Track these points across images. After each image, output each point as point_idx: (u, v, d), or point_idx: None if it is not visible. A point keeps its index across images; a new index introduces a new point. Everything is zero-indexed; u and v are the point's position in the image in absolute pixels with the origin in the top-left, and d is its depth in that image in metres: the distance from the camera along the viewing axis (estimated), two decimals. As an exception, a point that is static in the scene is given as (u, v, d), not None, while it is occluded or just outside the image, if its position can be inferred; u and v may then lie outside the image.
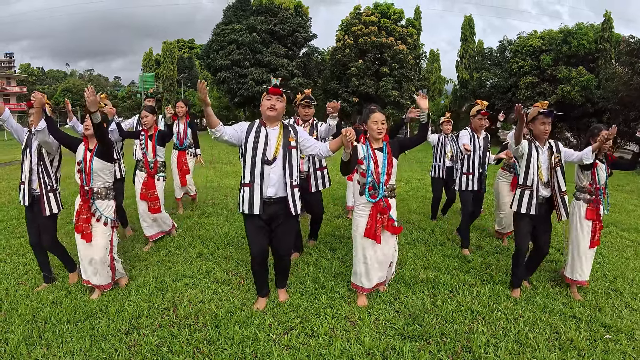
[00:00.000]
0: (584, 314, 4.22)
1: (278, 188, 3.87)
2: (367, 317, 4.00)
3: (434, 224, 7.29)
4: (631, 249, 6.48)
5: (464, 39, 37.94)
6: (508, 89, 30.57)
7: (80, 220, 4.24)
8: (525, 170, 4.46)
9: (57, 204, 4.47)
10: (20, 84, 65.01)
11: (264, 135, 3.87)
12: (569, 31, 27.95)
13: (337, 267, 5.19)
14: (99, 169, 4.27)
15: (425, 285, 4.73)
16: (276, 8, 34.09)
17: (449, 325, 3.91)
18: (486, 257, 5.69)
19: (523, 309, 4.27)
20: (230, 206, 8.19)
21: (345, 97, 34.19)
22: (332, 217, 7.50)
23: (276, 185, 3.86)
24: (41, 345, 3.49)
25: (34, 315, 3.95)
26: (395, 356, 3.41)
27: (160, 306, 4.14)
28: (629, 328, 3.98)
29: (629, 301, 4.57)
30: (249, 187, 3.86)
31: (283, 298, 4.34)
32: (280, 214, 3.95)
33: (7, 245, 5.89)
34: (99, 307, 4.09)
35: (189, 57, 62.49)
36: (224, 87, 34.65)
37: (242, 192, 3.90)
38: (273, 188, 3.85)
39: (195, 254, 5.54)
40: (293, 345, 3.53)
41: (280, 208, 3.93)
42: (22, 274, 4.93)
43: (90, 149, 4.30)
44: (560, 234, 6.91)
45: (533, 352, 3.52)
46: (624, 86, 21.63)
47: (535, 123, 4.42)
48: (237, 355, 3.37)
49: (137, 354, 3.37)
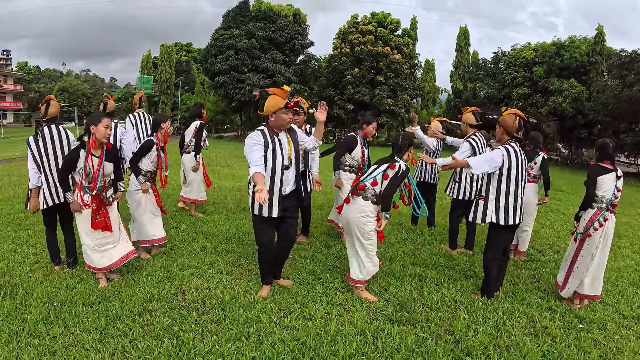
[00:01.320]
0: (560, 306, 4.60)
1: (292, 184, 4.41)
2: (359, 304, 4.38)
3: (424, 225, 7.67)
4: (610, 251, 6.81)
5: (459, 50, 38.52)
6: (501, 100, 31.07)
7: (100, 216, 4.46)
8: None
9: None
10: (17, 82, 65.02)
11: (278, 143, 4.22)
12: (561, 44, 28.53)
13: (332, 261, 5.59)
14: (110, 171, 4.58)
15: (413, 279, 5.13)
16: (275, 15, 34.40)
17: (434, 312, 4.30)
18: (470, 257, 6.08)
19: (502, 300, 4.65)
20: (230, 205, 8.53)
21: (341, 105, 34.67)
22: (328, 217, 7.85)
23: (291, 182, 4.39)
24: (58, 325, 3.79)
25: (50, 298, 4.24)
26: (384, 336, 3.79)
27: (169, 292, 4.48)
28: (601, 320, 4.36)
29: (603, 297, 4.91)
30: (269, 194, 4.17)
31: (287, 283, 4.83)
32: (292, 205, 4.46)
33: (16, 237, 6.18)
34: (112, 292, 4.42)
35: (186, 60, 62.77)
36: (221, 91, 34.90)
37: None
38: (289, 186, 4.36)
39: (199, 247, 5.88)
40: (292, 326, 3.90)
41: (292, 200, 4.44)
42: (34, 262, 5.23)
43: (97, 155, 4.45)
44: (543, 237, 7.31)
45: (510, 337, 3.89)
46: (615, 99, 22.09)
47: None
48: (242, 334, 3.73)
49: (150, 332, 3.71)
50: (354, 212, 4.49)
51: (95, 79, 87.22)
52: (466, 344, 3.71)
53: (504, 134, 4.53)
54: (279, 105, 4.15)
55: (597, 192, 4.56)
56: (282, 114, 4.18)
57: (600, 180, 4.53)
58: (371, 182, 4.46)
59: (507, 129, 4.46)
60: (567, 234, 7.80)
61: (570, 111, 25.61)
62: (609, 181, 4.53)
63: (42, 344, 3.49)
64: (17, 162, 15.34)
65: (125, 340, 3.58)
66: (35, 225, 6.68)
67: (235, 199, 9.28)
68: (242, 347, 3.53)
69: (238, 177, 13.05)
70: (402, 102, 34.86)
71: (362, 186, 4.51)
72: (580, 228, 4.69)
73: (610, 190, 4.55)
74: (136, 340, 3.59)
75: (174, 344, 3.54)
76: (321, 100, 4.71)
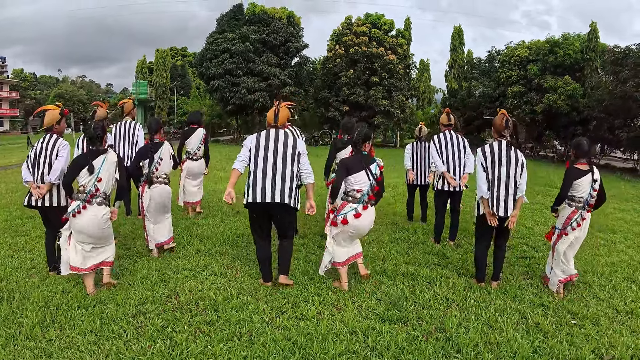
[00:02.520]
0: (552, 302, 4.61)
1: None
2: (351, 304, 4.40)
3: (417, 224, 7.72)
4: (605, 247, 6.91)
5: (454, 49, 38.70)
6: (496, 98, 31.10)
7: None
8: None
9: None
10: (13, 89, 65.10)
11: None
12: (555, 41, 28.55)
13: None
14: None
15: (406, 278, 5.16)
16: (269, 18, 34.43)
17: (426, 310, 4.32)
18: (464, 255, 6.11)
19: (495, 297, 4.68)
20: (224, 209, 8.55)
21: (336, 106, 34.62)
22: (321, 219, 7.87)
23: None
24: (54, 328, 3.82)
25: (46, 302, 4.27)
26: (375, 334, 3.80)
27: (163, 294, 4.50)
28: (594, 315, 4.37)
29: (596, 292, 4.96)
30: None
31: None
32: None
33: (13, 243, 6.20)
34: (106, 295, 4.44)
35: (181, 65, 62.85)
36: (216, 95, 34.90)
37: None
38: None
39: (193, 250, 5.91)
40: (284, 326, 3.91)
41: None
42: (30, 267, 5.25)
43: None
44: (537, 234, 7.35)
45: (501, 333, 3.90)
46: (609, 95, 22.05)
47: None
48: (234, 334, 3.75)
49: (144, 334, 3.73)
50: (372, 216, 4.77)
51: (91, 85, 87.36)
52: (457, 341, 3.73)
53: (494, 132, 4.96)
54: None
55: (573, 193, 4.81)
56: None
57: (576, 184, 4.77)
58: (375, 187, 4.71)
59: (495, 127, 4.91)
60: (560, 231, 7.85)
61: (565, 108, 25.62)
62: (585, 184, 4.75)
63: (38, 347, 3.52)
64: (13, 170, 15.34)
65: (120, 341, 3.60)
66: (32, 231, 6.73)
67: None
68: (234, 347, 3.56)
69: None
70: (397, 102, 34.87)
71: (372, 196, 4.70)
72: (559, 223, 5.01)
73: (587, 191, 4.78)
74: (130, 341, 3.62)
75: (167, 344, 3.57)
76: (316, 101, 4.94)
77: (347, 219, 4.58)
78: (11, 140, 41.51)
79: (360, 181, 4.61)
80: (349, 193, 4.65)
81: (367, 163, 4.66)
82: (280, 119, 4.77)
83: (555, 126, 28.05)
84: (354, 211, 4.58)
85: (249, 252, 5.91)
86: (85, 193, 4.36)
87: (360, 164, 4.63)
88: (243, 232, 6.82)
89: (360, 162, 4.64)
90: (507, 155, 4.76)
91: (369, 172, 4.63)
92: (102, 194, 4.43)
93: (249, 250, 5.96)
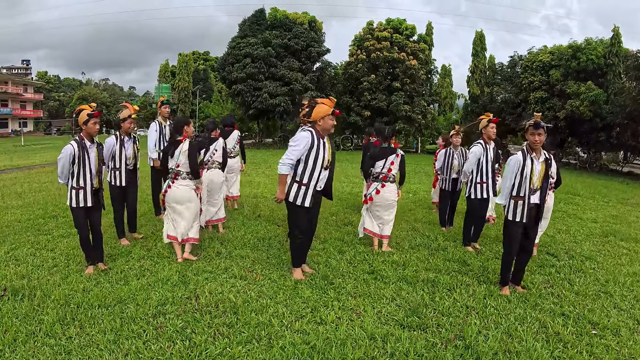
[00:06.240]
0: (573, 312, 4.56)
1: (323, 183, 5.10)
2: (370, 309, 4.42)
3: (438, 231, 7.69)
4: (627, 256, 6.80)
5: (475, 54, 38.32)
6: (518, 104, 30.84)
7: None
8: (519, 183, 4.86)
9: None
10: (37, 90, 66.39)
11: (322, 146, 4.95)
12: (578, 46, 28.22)
13: (345, 267, 5.62)
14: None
15: (426, 284, 5.14)
16: (291, 23, 34.57)
17: (445, 318, 4.31)
18: (485, 262, 6.07)
19: (515, 306, 4.64)
20: (245, 212, 8.63)
21: (358, 111, 34.64)
22: (342, 224, 7.92)
23: (323, 180, 5.08)
24: (74, 326, 3.90)
25: (67, 300, 4.37)
26: (394, 340, 3.81)
27: (184, 296, 4.57)
28: (615, 325, 4.31)
29: (618, 302, 4.89)
30: (305, 186, 4.96)
31: (309, 270, 5.46)
32: (318, 200, 5.26)
33: (35, 241, 6.36)
34: (127, 295, 4.52)
35: (204, 69, 63.47)
36: (238, 99, 35.14)
37: (298, 189, 4.96)
38: (322, 182, 5.07)
39: (214, 253, 5.98)
40: (303, 330, 3.95)
41: (319, 197, 5.24)
42: (52, 266, 5.38)
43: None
44: (559, 242, 7.26)
45: (520, 342, 3.88)
46: (632, 101, 21.72)
47: (527, 135, 4.84)
48: (253, 337, 3.80)
49: (163, 334, 3.80)
50: (391, 192, 6.41)
51: (114, 88, 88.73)
52: (476, 349, 3.71)
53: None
54: (327, 112, 4.89)
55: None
56: (328, 120, 4.93)
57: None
58: (388, 169, 6.32)
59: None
60: (583, 239, 7.76)
61: (588, 114, 25.28)
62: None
63: (58, 344, 3.60)
64: (37, 170, 15.72)
65: (139, 341, 3.67)
66: (54, 230, 6.90)
67: (251, 205, 9.38)
68: (252, 349, 3.60)
69: (255, 184, 13.16)
70: (418, 108, 34.70)
71: (384, 177, 6.37)
72: None
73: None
74: (149, 341, 3.69)
75: (186, 345, 3.62)
76: (338, 107, 5.11)
77: (372, 196, 6.38)
78: (35, 141, 42.32)
79: (381, 166, 6.32)
80: (373, 174, 6.42)
81: (390, 153, 6.30)
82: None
83: (577, 133, 27.66)
84: (374, 190, 6.38)
85: (269, 255, 5.97)
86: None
87: (383, 154, 6.33)
88: (264, 235, 6.89)
89: (384, 152, 6.33)
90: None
91: (387, 160, 6.31)
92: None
93: (270, 254, 6.02)
